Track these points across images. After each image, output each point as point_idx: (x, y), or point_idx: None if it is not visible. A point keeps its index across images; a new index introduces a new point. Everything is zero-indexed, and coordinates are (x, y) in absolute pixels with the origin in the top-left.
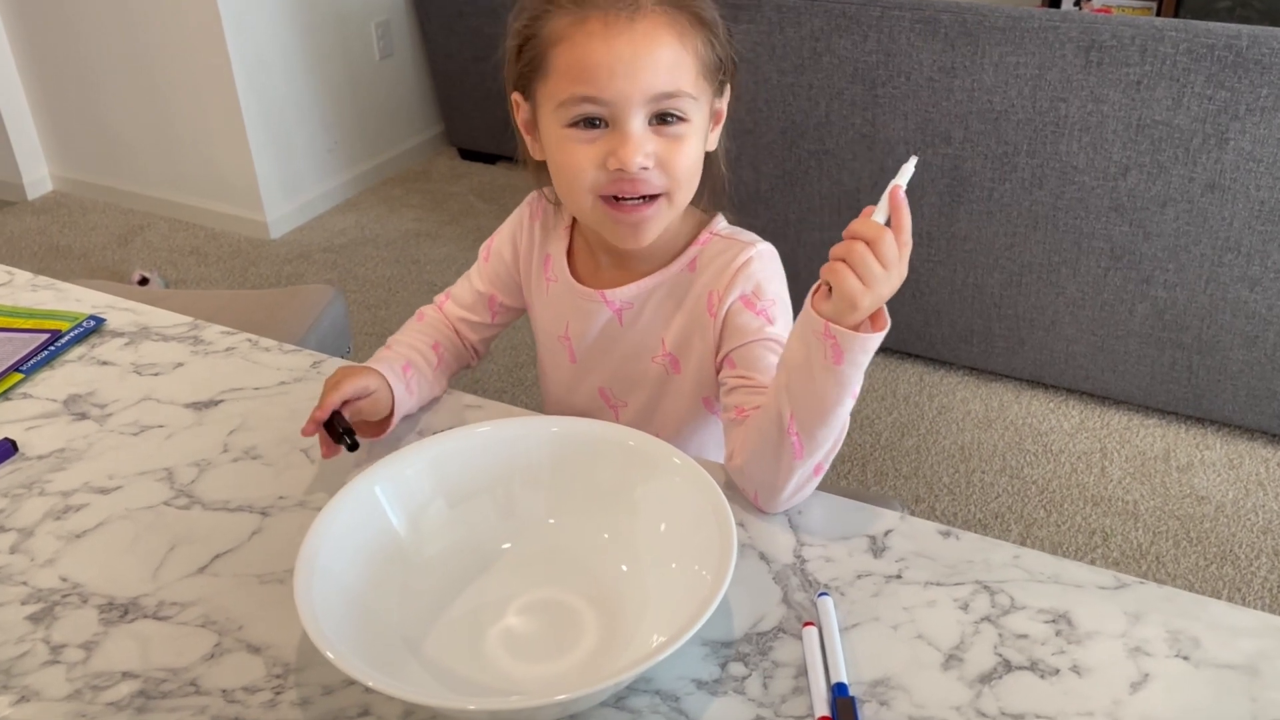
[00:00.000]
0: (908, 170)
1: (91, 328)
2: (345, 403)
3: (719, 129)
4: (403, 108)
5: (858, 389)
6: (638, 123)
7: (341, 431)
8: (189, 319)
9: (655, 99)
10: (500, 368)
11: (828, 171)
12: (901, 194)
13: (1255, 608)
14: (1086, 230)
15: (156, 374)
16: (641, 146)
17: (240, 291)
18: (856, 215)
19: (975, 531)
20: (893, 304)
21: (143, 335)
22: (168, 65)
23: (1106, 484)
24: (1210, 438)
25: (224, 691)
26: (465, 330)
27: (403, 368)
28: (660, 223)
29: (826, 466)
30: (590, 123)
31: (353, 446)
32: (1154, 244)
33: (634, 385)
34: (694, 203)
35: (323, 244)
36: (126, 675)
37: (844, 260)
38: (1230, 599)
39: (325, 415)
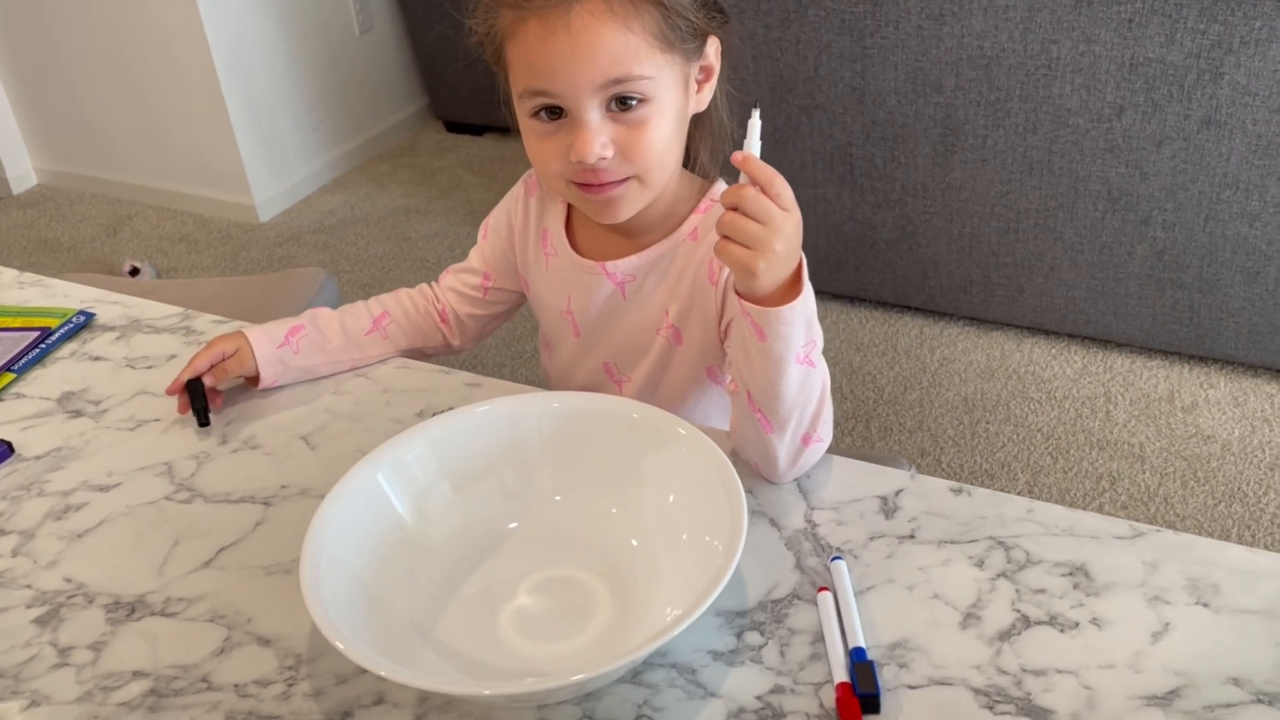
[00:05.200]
0: (754, 128)
1: (82, 323)
2: (213, 366)
3: (710, 85)
4: (385, 82)
5: (804, 357)
6: (592, 113)
7: (197, 403)
8: (180, 309)
9: (605, 87)
10: (499, 341)
11: (818, 126)
12: (743, 156)
13: (1265, 544)
14: (1082, 174)
15: (150, 367)
16: (596, 138)
17: (231, 279)
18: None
19: (983, 482)
20: (890, 256)
21: (134, 328)
22: (146, 52)
23: (1112, 428)
24: (1214, 376)
25: (236, 686)
26: (455, 302)
27: (288, 332)
28: (635, 201)
29: (824, 436)
30: (551, 111)
31: (202, 421)
32: (1151, 184)
33: (637, 358)
34: (691, 164)
35: (313, 225)
36: (137, 674)
37: (725, 235)
38: (1240, 537)
39: (183, 379)
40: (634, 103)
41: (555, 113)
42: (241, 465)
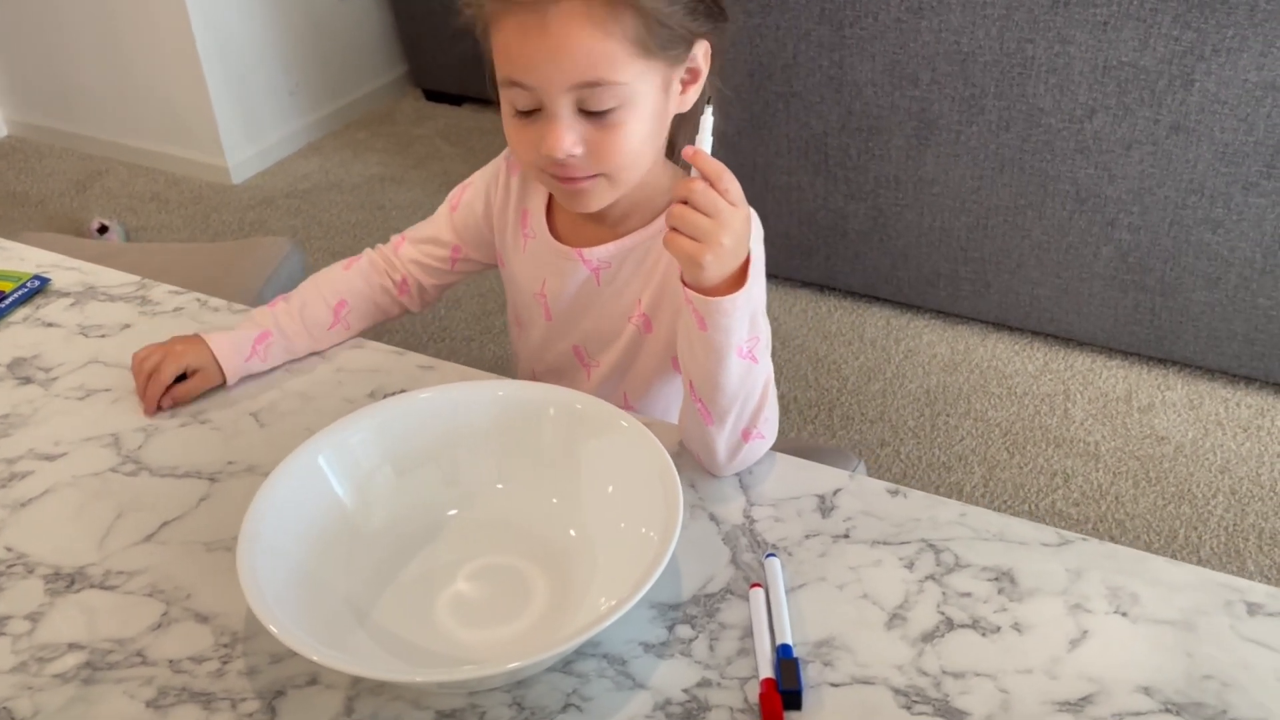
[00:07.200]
0: (706, 125)
1: (36, 288)
2: (172, 388)
3: (696, 86)
4: (365, 48)
5: (746, 352)
6: (564, 110)
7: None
8: (136, 278)
9: (577, 88)
10: (469, 314)
11: (795, 114)
12: (693, 150)
13: (1210, 546)
14: (1052, 173)
15: (103, 335)
16: (565, 135)
17: (195, 245)
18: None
19: (940, 474)
20: (860, 246)
21: (89, 295)
22: (122, 5)
23: (1069, 425)
24: (1172, 378)
25: (171, 662)
26: (418, 274)
27: (254, 341)
28: (603, 196)
29: (765, 434)
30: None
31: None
32: (1119, 186)
33: (607, 344)
34: (675, 156)
35: (286, 189)
36: (73, 646)
37: (674, 227)
38: (1186, 538)
39: (151, 409)
40: (608, 105)
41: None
42: (189, 439)
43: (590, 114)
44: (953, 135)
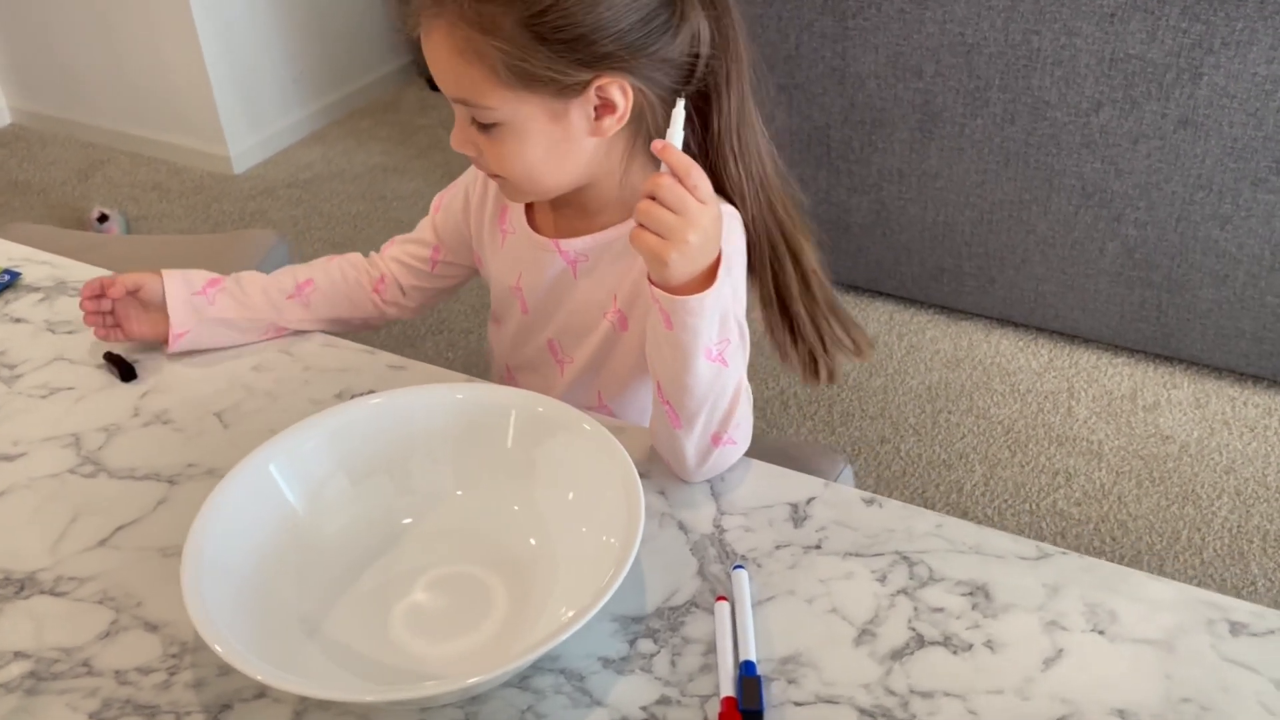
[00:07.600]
0: (677, 118)
1: (6, 283)
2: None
3: (613, 118)
4: (370, 35)
5: (716, 355)
6: (459, 113)
7: (121, 365)
8: (108, 273)
9: (456, 100)
10: (467, 308)
11: (797, 107)
12: (662, 144)
13: (1214, 547)
14: (1058, 167)
15: (70, 332)
16: (455, 134)
17: (182, 237)
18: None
19: (940, 472)
20: (863, 240)
21: (59, 290)
22: None
23: (1072, 424)
24: (1178, 377)
25: (117, 672)
26: (398, 272)
27: (206, 283)
28: (513, 194)
29: (737, 439)
30: None
31: (126, 375)
32: (1125, 181)
33: (581, 338)
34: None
35: (288, 179)
36: (19, 655)
37: (641, 223)
38: (1190, 539)
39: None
40: (487, 120)
41: None
42: (151, 440)
43: (479, 123)
44: (957, 128)
